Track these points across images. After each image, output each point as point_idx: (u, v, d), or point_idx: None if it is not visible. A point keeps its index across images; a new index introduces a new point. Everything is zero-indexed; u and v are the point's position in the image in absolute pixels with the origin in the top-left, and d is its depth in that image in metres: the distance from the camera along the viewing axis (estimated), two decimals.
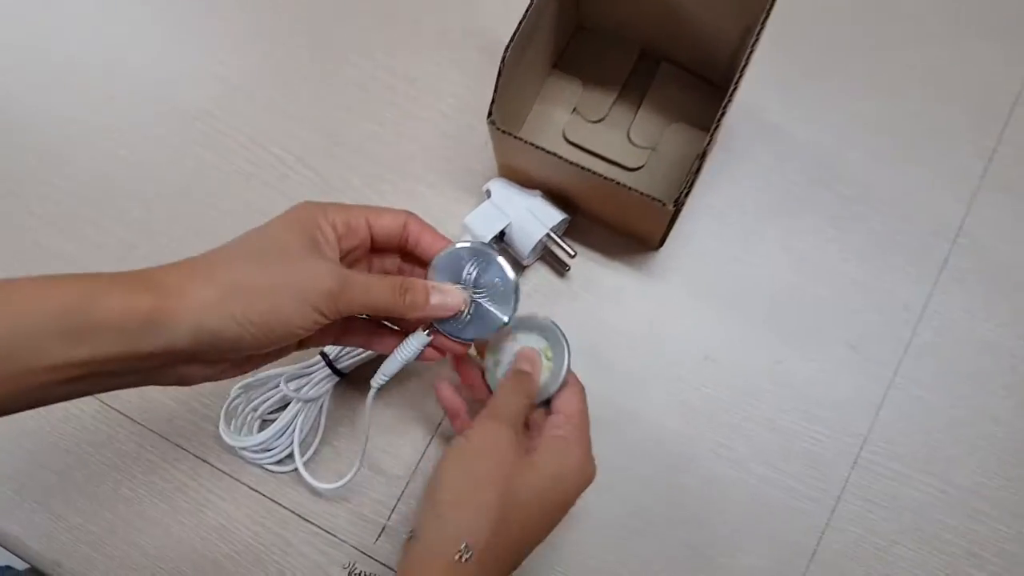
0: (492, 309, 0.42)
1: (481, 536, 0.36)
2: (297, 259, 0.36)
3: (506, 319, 0.42)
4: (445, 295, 0.40)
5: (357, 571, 0.50)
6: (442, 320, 0.41)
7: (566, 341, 0.45)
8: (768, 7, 0.42)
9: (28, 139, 0.60)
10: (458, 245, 0.42)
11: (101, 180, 0.58)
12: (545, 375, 0.44)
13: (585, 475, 0.41)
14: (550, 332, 0.45)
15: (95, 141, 0.59)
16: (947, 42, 0.56)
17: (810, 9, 0.57)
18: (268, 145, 0.58)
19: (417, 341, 0.42)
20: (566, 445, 0.41)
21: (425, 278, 0.42)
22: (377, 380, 0.43)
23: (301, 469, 0.49)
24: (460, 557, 0.35)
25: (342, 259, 0.39)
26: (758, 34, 0.42)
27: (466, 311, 0.42)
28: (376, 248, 0.42)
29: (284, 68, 0.60)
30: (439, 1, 0.60)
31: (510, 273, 0.42)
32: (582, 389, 0.45)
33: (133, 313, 0.32)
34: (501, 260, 0.42)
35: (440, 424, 0.52)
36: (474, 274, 0.42)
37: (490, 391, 0.45)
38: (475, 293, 0.42)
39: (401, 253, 0.44)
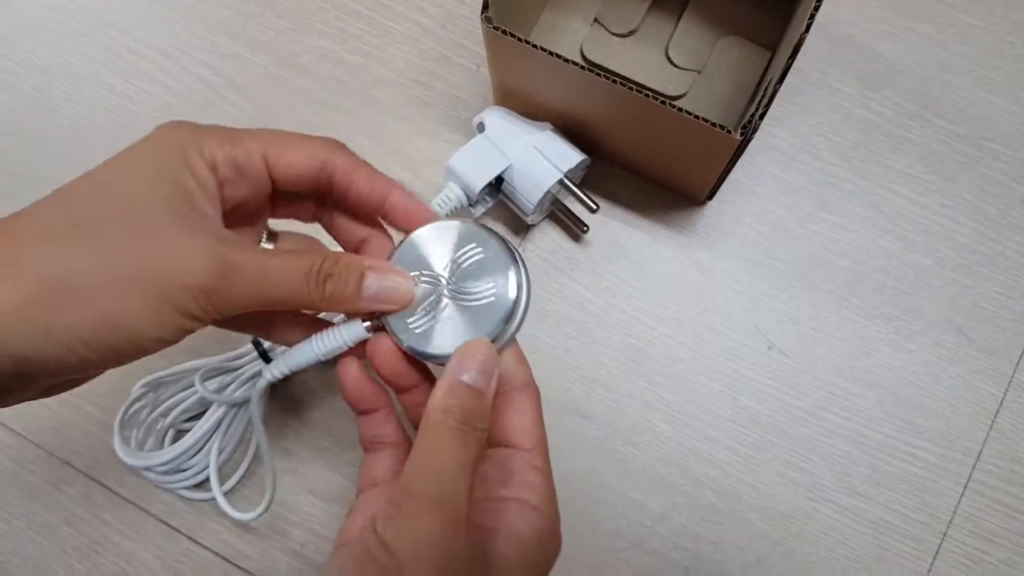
0: (466, 320, 0.27)
1: None
2: (153, 230, 0.23)
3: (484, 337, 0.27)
4: (386, 279, 0.27)
5: None
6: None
7: (524, 267, 0.28)
8: None
9: None
10: (449, 223, 0.29)
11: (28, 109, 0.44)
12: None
13: (552, 559, 0.26)
14: (495, 254, 0.28)
15: (48, 69, 0.45)
16: None
17: None
18: (189, 65, 0.44)
19: (349, 334, 0.28)
20: (538, 530, 0.26)
21: (359, 240, 0.29)
22: (272, 371, 0.29)
23: (218, 494, 0.36)
24: None
25: (226, 216, 0.26)
26: None
27: (433, 312, 0.28)
28: (281, 195, 0.28)
29: None
30: None
31: (511, 283, 0.27)
32: (537, 392, 0.29)
33: None
34: (508, 262, 0.28)
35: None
36: (463, 266, 0.28)
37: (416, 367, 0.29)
38: (455, 293, 0.28)
39: (319, 203, 0.30)
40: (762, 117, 0.32)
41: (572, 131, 0.39)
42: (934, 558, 0.37)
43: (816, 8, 0.31)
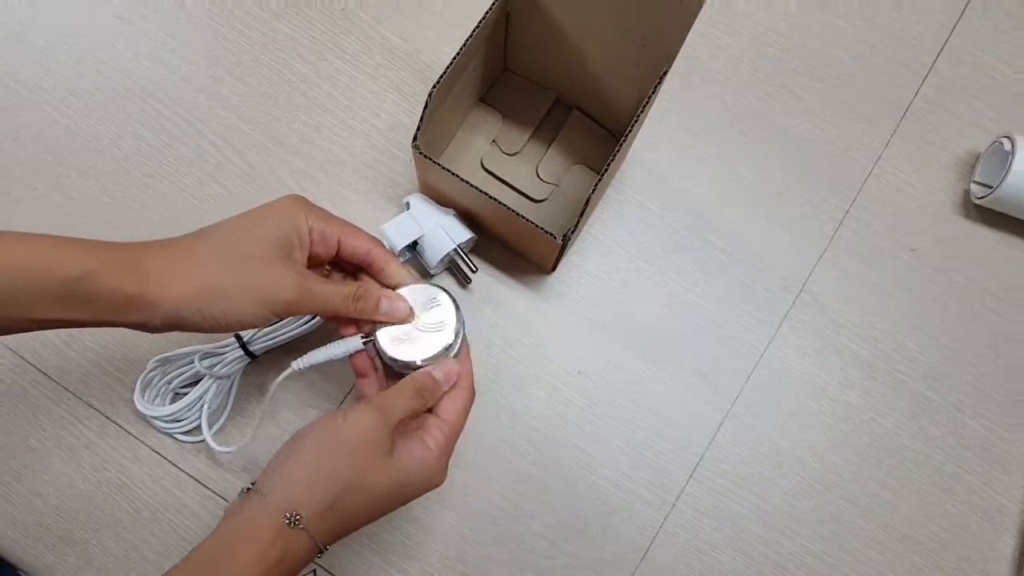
0: (425, 340, 0.46)
1: (317, 509, 0.39)
2: (267, 264, 0.41)
3: (427, 356, 0.45)
4: (394, 302, 0.46)
5: None
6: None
7: (461, 319, 0.47)
8: (656, 84, 0.49)
9: None
10: (422, 285, 0.47)
11: (40, 144, 0.61)
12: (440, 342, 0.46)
13: (432, 484, 0.43)
14: (445, 308, 0.47)
15: (38, 105, 0.62)
16: (820, 119, 0.65)
17: (703, 83, 0.66)
18: (207, 133, 0.62)
19: (350, 345, 0.46)
20: (427, 458, 0.43)
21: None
22: (299, 364, 0.46)
23: (207, 436, 0.54)
24: (290, 522, 0.38)
25: (308, 261, 0.44)
26: (646, 105, 0.50)
27: (406, 336, 0.45)
28: (339, 258, 0.47)
29: (233, 63, 0.64)
30: (391, 21, 0.66)
31: (455, 319, 0.46)
32: (472, 397, 0.46)
33: (121, 295, 0.38)
34: (453, 308, 0.46)
35: (342, 404, 0.58)
36: (428, 309, 0.46)
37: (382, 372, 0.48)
38: (422, 324, 0.46)
39: (356, 271, 0.48)
40: (574, 232, 0.52)
41: (467, 217, 0.59)
42: (664, 519, 0.57)
43: (611, 161, 0.52)
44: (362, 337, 0.46)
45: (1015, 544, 0.58)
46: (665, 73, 0.49)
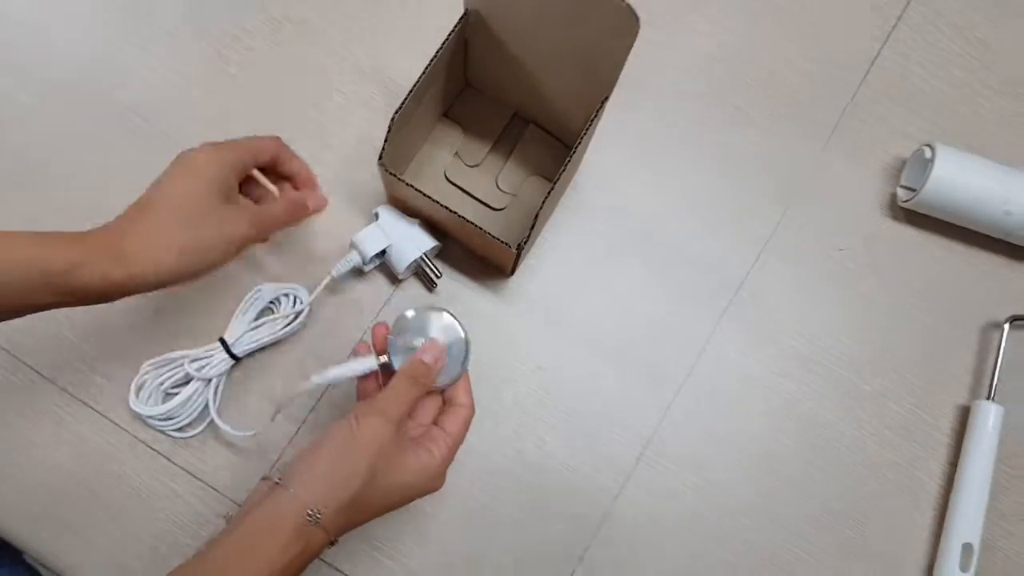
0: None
1: (336, 506, 0.43)
2: (220, 213, 0.49)
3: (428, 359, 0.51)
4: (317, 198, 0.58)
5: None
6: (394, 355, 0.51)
7: (468, 339, 0.52)
8: (598, 109, 0.54)
9: None
10: (433, 311, 0.53)
11: (26, 158, 0.66)
12: (443, 368, 0.51)
13: (432, 488, 0.48)
14: (451, 329, 0.53)
15: (25, 120, 0.66)
16: (759, 130, 0.71)
17: (649, 97, 0.71)
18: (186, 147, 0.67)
19: (367, 364, 0.51)
20: (431, 465, 0.47)
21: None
22: (319, 379, 0.50)
23: (214, 415, 0.59)
24: (312, 518, 0.42)
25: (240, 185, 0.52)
26: (589, 127, 0.55)
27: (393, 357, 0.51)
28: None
29: (214, 83, 0.68)
30: (359, 40, 0.70)
31: (463, 340, 0.53)
32: (472, 413, 0.51)
33: (109, 281, 0.44)
34: (460, 331, 0.53)
35: (306, 418, 0.63)
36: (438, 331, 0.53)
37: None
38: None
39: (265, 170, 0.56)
40: (527, 241, 0.57)
41: (432, 226, 0.63)
42: (615, 499, 0.63)
43: (561, 173, 0.57)
44: (378, 358, 0.51)
45: (933, 516, 0.64)
46: (606, 99, 0.54)
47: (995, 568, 0.63)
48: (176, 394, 0.59)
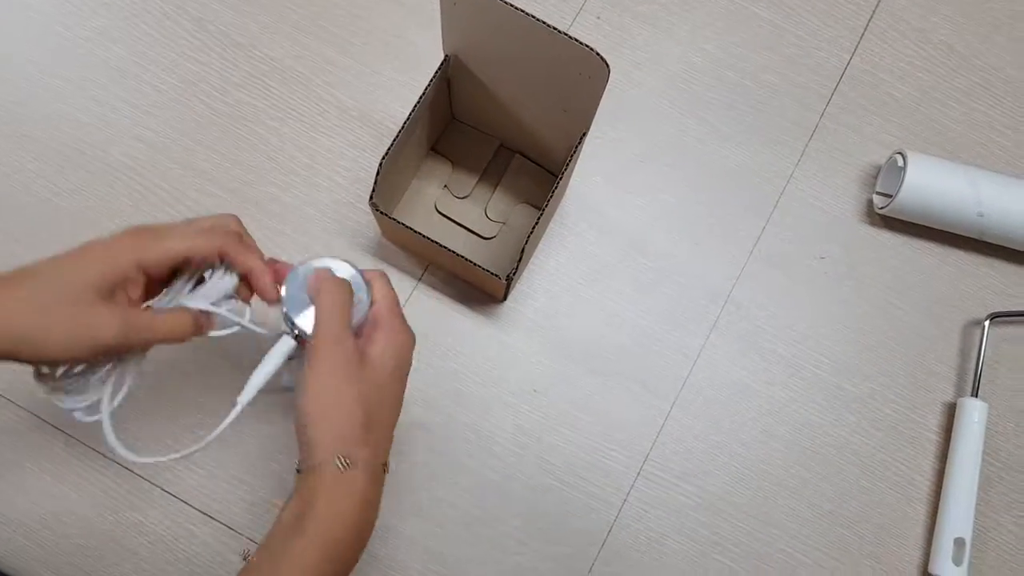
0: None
1: (354, 438, 0.43)
2: (84, 307, 0.41)
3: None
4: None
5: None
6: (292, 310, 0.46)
7: (360, 271, 0.48)
8: (577, 144, 0.56)
9: None
10: (323, 260, 0.48)
11: (32, 221, 0.68)
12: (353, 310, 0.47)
13: (409, 344, 0.48)
14: (341, 269, 0.48)
15: (29, 185, 0.69)
16: (736, 145, 0.73)
17: (628, 119, 0.73)
18: (183, 199, 0.69)
19: (284, 348, 0.46)
20: (389, 332, 0.46)
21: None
22: (244, 397, 0.45)
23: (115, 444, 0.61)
24: (341, 468, 0.42)
25: (148, 282, 0.45)
26: (570, 161, 0.57)
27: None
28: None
29: (203, 134, 0.71)
30: (342, 85, 0.72)
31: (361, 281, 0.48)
32: (383, 274, 0.49)
33: None
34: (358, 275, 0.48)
35: None
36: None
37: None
38: None
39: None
40: (515, 272, 0.59)
41: (425, 258, 0.66)
42: (618, 514, 0.65)
43: (549, 200, 0.59)
44: (287, 333, 0.47)
45: (925, 511, 0.67)
46: (584, 135, 0.56)
47: (987, 559, 0.66)
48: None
